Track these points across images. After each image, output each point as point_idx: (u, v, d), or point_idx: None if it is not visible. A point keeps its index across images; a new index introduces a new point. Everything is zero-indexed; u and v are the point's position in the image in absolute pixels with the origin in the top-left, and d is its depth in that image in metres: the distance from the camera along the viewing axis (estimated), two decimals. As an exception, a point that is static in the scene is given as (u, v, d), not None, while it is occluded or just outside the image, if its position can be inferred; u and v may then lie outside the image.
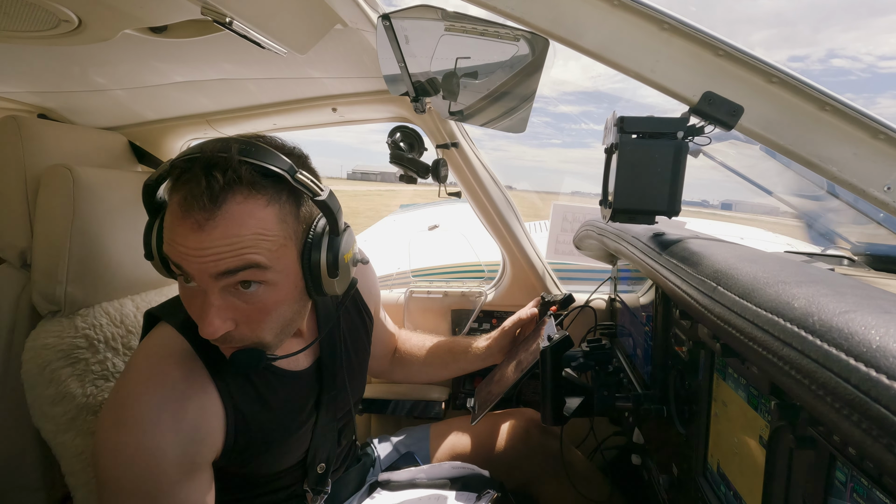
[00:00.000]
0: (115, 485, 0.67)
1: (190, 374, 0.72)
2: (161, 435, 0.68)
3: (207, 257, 0.62)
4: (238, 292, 0.66)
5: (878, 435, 0.29)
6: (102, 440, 0.68)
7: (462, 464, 1.11)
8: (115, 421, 0.68)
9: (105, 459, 0.68)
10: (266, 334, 0.70)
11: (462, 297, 1.60)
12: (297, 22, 0.86)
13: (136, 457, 0.67)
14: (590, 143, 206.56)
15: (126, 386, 0.71)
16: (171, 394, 0.69)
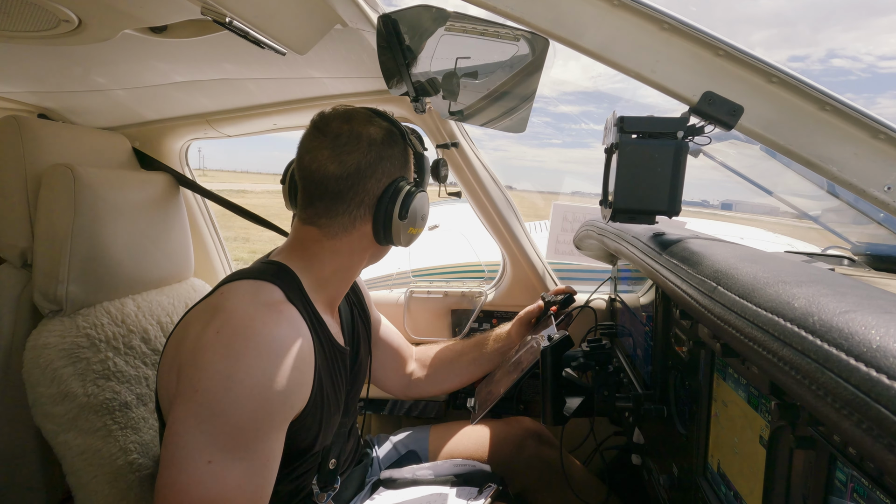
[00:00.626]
0: (219, 419, 0.65)
1: (296, 316, 0.76)
2: (279, 370, 0.69)
3: None
4: None
5: (879, 435, 0.29)
6: (216, 371, 0.66)
7: (463, 461, 1.11)
8: (235, 350, 0.67)
9: (215, 391, 0.65)
10: None
11: (462, 297, 1.60)
12: (296, 22, 0.86)
13: (250, 390, 0.67)
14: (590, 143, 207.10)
15: (237, 316, 0.70)
16: (289, 328, 0.73)
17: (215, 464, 0.65)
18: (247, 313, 0.72)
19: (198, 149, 9.81)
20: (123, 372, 0.98)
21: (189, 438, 0.65)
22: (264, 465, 0.70)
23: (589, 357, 0.93)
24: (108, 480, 0.88)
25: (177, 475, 0.65)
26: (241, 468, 0.67)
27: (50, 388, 0.87)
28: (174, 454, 0.65)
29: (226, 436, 0.66)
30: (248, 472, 0.68)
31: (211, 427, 0.66)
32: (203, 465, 0.64)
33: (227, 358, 0.67)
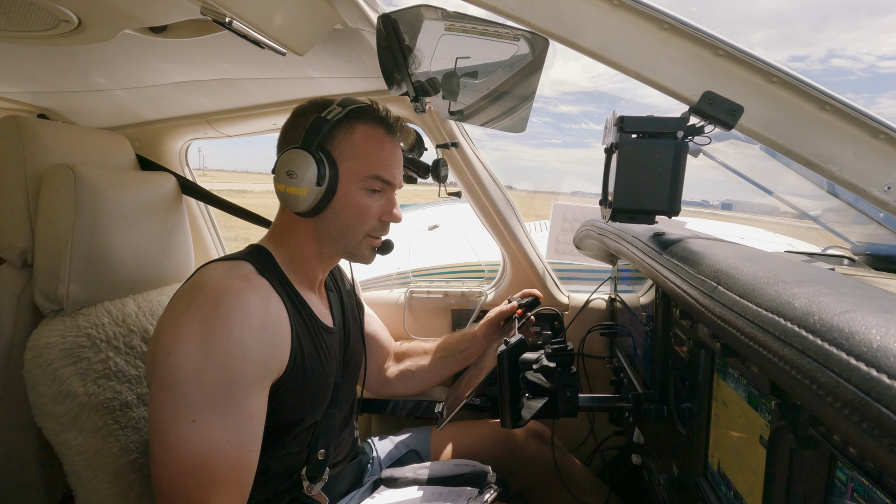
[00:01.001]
0: (194, 378, 0.70)
1: (266, 286, 0.82)
2: (251, 328, 0.74)
3: (399, 171, 0.96)
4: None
5: (879, 435, 0.29)
6: (186, 334, 0.71)
7: (464, 461, 1.11)
8: (204, 315, 0.72)
9: (187, 352, 0.70)
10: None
11: (462, 297, 1.60)
12: (296, 22, 0.86)
13: (226, 348, 0.71)
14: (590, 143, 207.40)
15: (208, 287, 0.76)
16: (257, 293, 0.78)
17: (199, 421, 0.69)
18: (217, 284, 0.77)
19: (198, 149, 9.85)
20: (124, 371, 0.98)
21: (171, 401, 0.70)
22: (248, 420, 0.74)
23: (551, 359, 0.94)
24: (108, 480, 0.88)
25: (165, 437, 0.69)
26: (224, 424, 0.71)
27: (51, 387, 0.87)
28: (160, 418, 0.70)
29: (205, 394, 0.70)
30: (234, 428, 0.72)
31: (189, 387, 0.70)
32: (188, 423, 0.69)
33: (198, 322, 0.72)
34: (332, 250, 0.94)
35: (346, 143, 0.89)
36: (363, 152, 0.90)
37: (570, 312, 1.54)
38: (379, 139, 0.91)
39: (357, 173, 0.89)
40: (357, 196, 0.90)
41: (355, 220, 0.91)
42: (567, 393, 0.91)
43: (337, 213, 0.90)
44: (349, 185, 0.89)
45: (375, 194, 0.92)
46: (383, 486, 1.07)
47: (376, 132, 0.91)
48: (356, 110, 0.90)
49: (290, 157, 0.85)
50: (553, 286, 1.57)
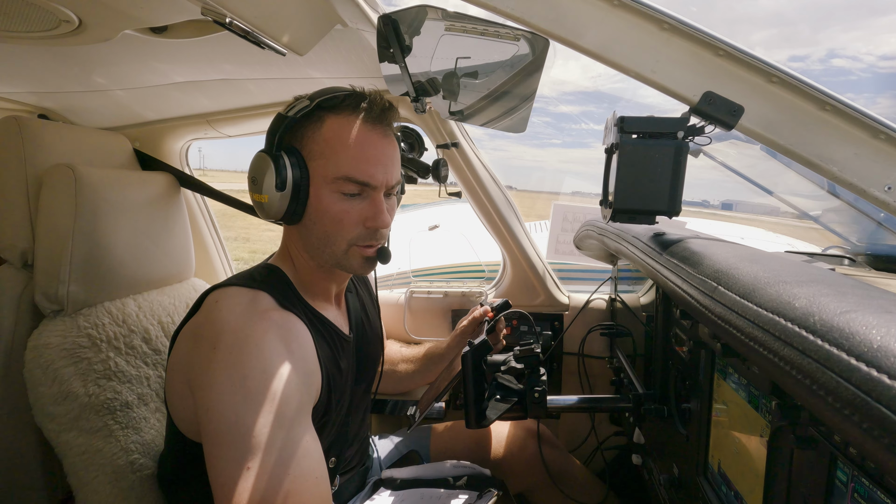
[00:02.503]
0: (237, 426, 0.66)
1: (289, 317, 0.78)
2: (282, 362, 0.71)
3: (388, 168, 0.81)
4: (386, 199, 0.84)
5: (880, 435, 0.29)
6: (218, 385, 0.68)
7: (464, 463, 1.11)
8: (230, 362, 0.69)
9: (224, 403, 0.67)
10: (388, 236, 0.88)
11: (462, 298, 1.60)
12: (297, 22, 0.86)
13: (261, 387, 0.68)
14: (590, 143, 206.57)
15: (230, 330, 0.72)
16: (280, 329, 0.74)
17: (253, 468, 0.65)
18: (238, 326, 0.73)
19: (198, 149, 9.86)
20: (125, 372, 0.98)
21: (222, 457, 0.66)
22: (304, 451, 0.70)
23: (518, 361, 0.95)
24: (109, 480, 0.88)
25: (228, 493, 0.64)
26: (281, 460, 0.67)
27: (51, 387, 0.88)
28: (218, 478, 0.66)
29: (252, 438, 0.66)
30: (292, 462, 0.68)
31: (236, 437, 0.66)
32: (244, 472, 0.65)
33: (227, 369, 0.69)
34: (323, 261, 0.86)
35: (314, 140, 0.79)
36: (331, 149, 0.78)
37: (571, 312, 1.54)
38: (350, 131, 0.78)
39: (325, 175, 0.79)
40: (329, 201, 0.79)
41: (333, 228, 0.81)
42: (535, 394, 0.92)
43: (314, 220, 0.81)
44: (319, 189, 0.79)
45: (354, 198, 0.80)
46: (383, 488, 1.06)
47: (347, 122, 0.78)
48: (328, 100, 0.79)
49: (253, 162, 0.80)
50: (553, 286, 1.57)
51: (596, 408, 1.16)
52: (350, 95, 0.80)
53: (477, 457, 1.21)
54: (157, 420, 1.01)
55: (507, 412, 0.93)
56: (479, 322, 1.23)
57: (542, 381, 0.94)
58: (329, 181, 0.79)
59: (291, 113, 0.79)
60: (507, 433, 1.25)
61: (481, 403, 0.93)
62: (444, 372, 1.21)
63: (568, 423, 1.58)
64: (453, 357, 1.23)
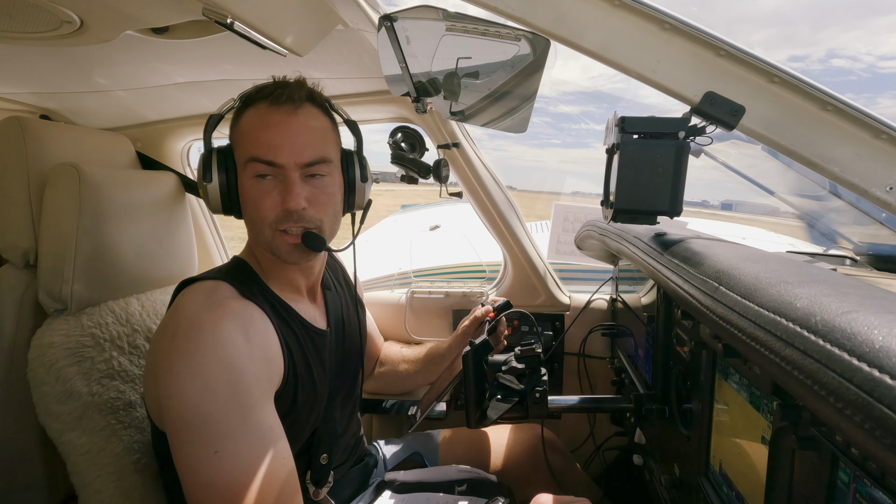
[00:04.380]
0: (200, 413, 0.69)
1: (246, 305, 0.80)
2: (238, 351, 0.73)
3: (296, 146, 0.80)
4: (310, 180, 0.83)
5: (882, 435, 0.29)
6: (176, 373, 0.70)
7: (470, 468, 1.11)
8: (187, 350, 0.71)
9: (184, 391, 0.69)
10: (326, 218, 0.86)
11: (463, 298, 1.60)
12: (297, 23, 0.86)
13: (219, 375, 0.70)
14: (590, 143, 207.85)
15: (186, 319, 0.75)
16: (236, 317, 0.76)
17: (221, 451, 0.68)
18: (193, 316, 0.75)
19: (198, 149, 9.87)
20: (128, 371, 0.98)
21: (188, 442, 0.69)
22: (269, 433, 0.74)
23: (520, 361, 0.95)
24: (112, 480, 0.88)
25: (196, 476, 0.68)
26: (247, 444, 0.70)
27: (55, 386, 0.88)
28: (185, 461, 0.69)
29: (215, 424, 0.69)
30: (258, 445, 0.71)
31: (199, 423, 0.69)
32: (212, 456, 0.68)
33: (184, 358, 0.71)
34: (263, 250, 0.88)
35: (235, 132, 0.84)
36: (243, 135, 0.82)
37: (572, 313, 1.54)
38: (258, 117, 0.81)
39: (241, 160, 0.82)
40: (245, 185, 0.82)
41: (254, 214, 0.83)
42: (536, 394, 0.92)
43: (245, 209, 0.85)
44: (240, 176, 0.83)
45: (266, 180, 0.81)
46: (387, 490, 1.06)
47: (257, 110, 0.82)
48: (249, 95, 0.84)
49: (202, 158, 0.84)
50: (554, 286, 1.57)
51: (597, 408, 1.15)
52: (266, 86, 0.84)
53: (486, 463, 1.20)
54: (158, 420, 1.01)
55: (508, 412, 0.93)
56: (480, 322, 1.23)
57: (544, 381, 0.94)
58: (242, 166, 0.83)
59: (221, 111, 0.84)
60: (512, 439, 1.25)
61: (482, 403, 0.93)
62: (445, 372, 1.21)
63: (569, 424, 1.57)
64: (454, 357, 1.23)
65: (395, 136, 1.26)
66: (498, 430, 1.29)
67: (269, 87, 0.84)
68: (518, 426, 1.30)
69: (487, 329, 1.12)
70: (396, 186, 10.86)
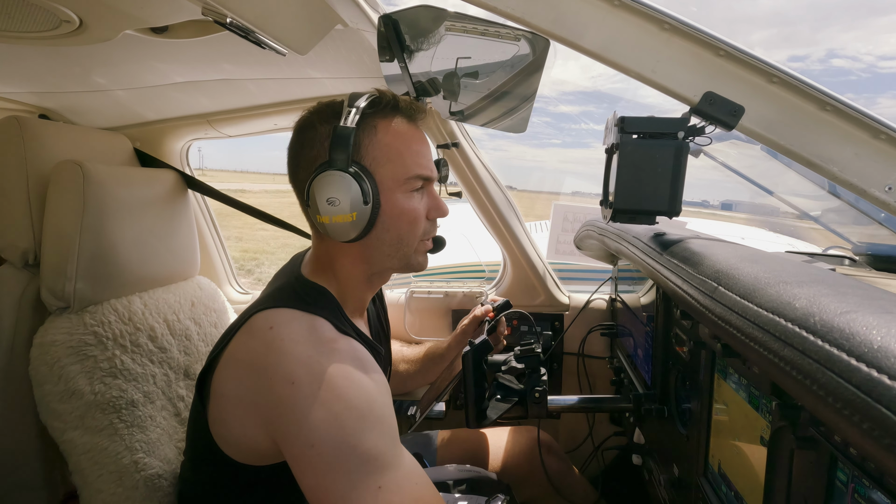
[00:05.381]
0: (355, 454, 0.66)
1: (349, 342, 0.77)
2: (369, 388, 0.71)
3: (432, 157, 0.86)
4: None
5: (880, 435, 0.29)
6: (318, 423, 0.66)
7: (469, 467, 1.11)
8: (323, 400, 0.67)
9: (332, 438, 0.66)
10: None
11: (463, 298, 1.60)
12: (297, 22, 0.86)
13: (365, 415, 0.68)
14: (590, 143, 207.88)
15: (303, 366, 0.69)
16: (353, 358, 0.73)
17: (384, 485, 0.66)
18: (311, 360, 0.70)
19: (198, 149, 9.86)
20: (130, 370, 0.98)
21: (346, 485, 0.65)
22: (413, 461, 0.73)
23: (519, 361, 0.95)
24: (113, 479, 0.88)
25: None
26: (405, 473, 0.69)
27: (57, 385, 0.87)
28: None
29: (372, 461, 0.66)
30: (414, 471, 0.71)
31: (357, 463, 0.66)
32: (377, 492, 0.65)
33: (321, 406, 0.67)
34: (385, 268, 0.86)
35: (375, 147, 0.79)
36: (395, 152, 0.79)
37: (571, 313, 1.54)
38: (404, 132, 0.81)
39: (397, 178, 0.79)
40: (404, 202, 0.81)
41: (408, 228, 0.82)
42: (535, 394, 0.92)
43: (387, 227, 0.80)
44: (392, 194, 0.79)
45: (418, 193, 0.83)
46: None
47: (399, 125, 0.81)
48: (369, 105, 0.79)
49: (325, 182, 0.74)
50: (553, 286, 1.57)
51: (596, 408, 1.16)
52: (384, 96, 0.82)
53: (484, 464, 1.21)
54: (162, 419, 1.01)
55: (507, 412, 0.93)
56: (479, 322, 1.23)
57: (543, 381, 0.94)
58: (401, 183, 0.80)
59: (351, 124, 0.76)
60: (514, 442, 1.25)
61: (482, 403, 0.94)
62: (444, 372, 1.21)
63: (568, 424, 1.58)
64: (454, 357, 1.23)
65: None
66: (496, 433, 1.29)
67: (387, 97, 0.81)
68: (516, 429, 1.30)
69: (487, 329, 1.13)
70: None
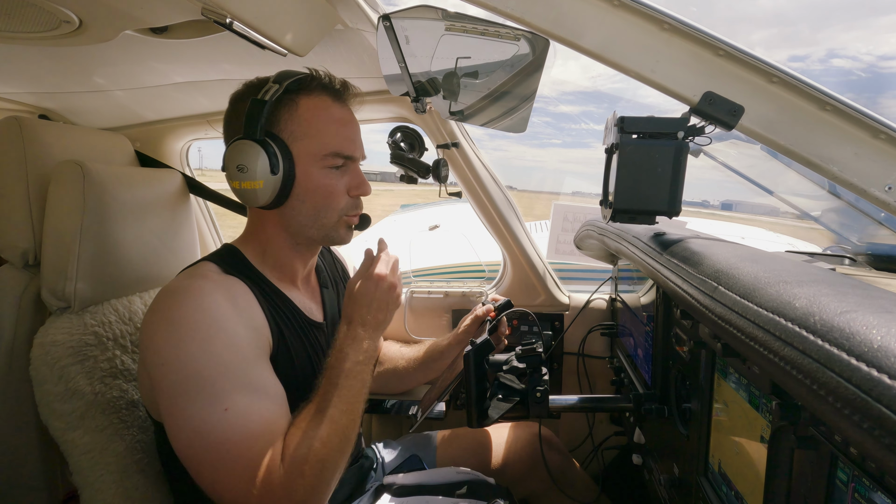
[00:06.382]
0: (202, 375, 0.69)
1: (228, 278, 0.81)
2: (225, 314, 0.74)
3: (360, 141, 0.90)
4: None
5: (880, 435, 0.29)
6: (167, 341, 0.70)
7: (469, 470, 1.11)
8: (174, 318, 0.72)
9: (180, 356, 0.69)
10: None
11: (463, 297, 1.60)
12: (297, 23, 0.86)
13: (212, 335, 0.71)
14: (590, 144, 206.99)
15: (167, 291, 0.76)
16: (218, 286, 0.77)
17: (231, 407, 0.68)
18: (175, 286, 0.76)
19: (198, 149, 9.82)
20: (130, 370, 0.98)
21: (194, 404, 0.68)
22: (272, 389, 0.75)
23: (521, 361, 0.95)
24: (113, 480, 0.88)
25: (209, 438, 0.67)
26: (255, 399, 0.71)
27: (57, 385, 0.88)
28: (194, 425, 0.68)
29: (220, 381, 0.69)
30: (266, 399, 0.73)
31: (202, 383, 0.69)
32: (222, 413, 0.68)
33: (173, 325, 0.71)
34: (306, 238, 0.90)
35: (293, 122, 0.83)
36: (313, 128, 0.83)
37: (571, 312, 1.54)
38: (327, 110, 0.84)
39: (313, 153, 0.83)
40: (319, 177, 0.84)
41: (324, 203, 0.86)
42: (537, 394, 0.92)
43: (302, 198, 0.85)
44: (308, 168, 0.83)
45: (338, 170, 0.86)
46: (386, 494, 1.06)
47: (322, 102, 0.84)
48: (295, 83, 0.83)
49: (237, 150, 0.80)
50: (553, 286, 1.57)
51: (596, 408, 1.16)
52: (314, 76, 0.86)
53: (484, 463, 1.20)
54: (161, 419, 1.01)
55: (509, 412, 0.93)
56: (481, 321, 1.23)
57: (545, 380, 0.94)
58: (317, 158, 0.84)
59: (266, 97, 0.80)
60: (510, 438, 1.25)
61: (483, 403, 0.93)
62: (445, 371, 1.21)
63: (568, 424, 1.58)
64: (455, 356, 1.22)
65: (395, 135, 1.26)
66: (496, 430, 1.29)
67: (321, 78, 0.86)
68: (516, 424, 1.30)
69: (489, 328, 1.12)
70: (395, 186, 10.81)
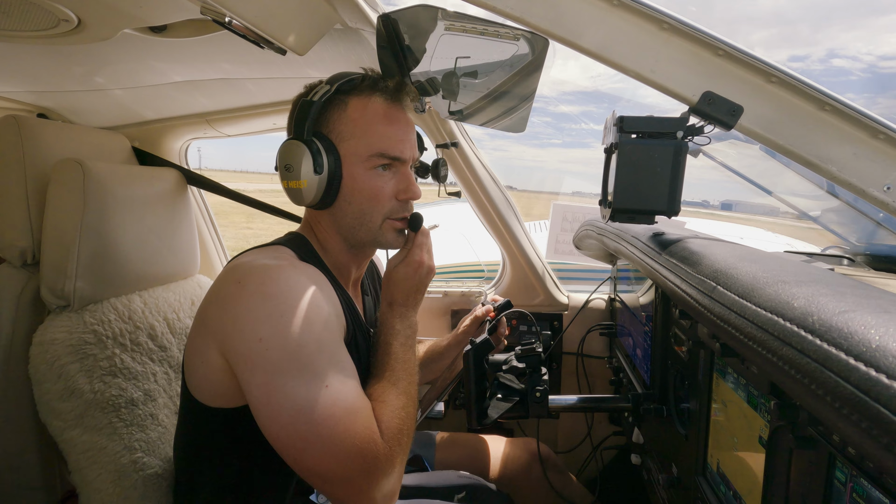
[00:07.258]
0: (305, 350, 0.68)
1: (309, 267, 0.79)
2: (315, 294, 0.73)
3: (412, 142, 0.87)
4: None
5: (878, 434, 0.29)
6: (265, 316, 0.68)
7: (469, 474, 1.11)
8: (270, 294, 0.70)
9: (280, 331, 0.68)
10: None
11: (462, 297, 1.60)
12: (296, 22, 0.86)
13: (310, 313, 0.70)
14: (590, 143, 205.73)
15: (255, 268, 0.73)
16: (303, 271, 0.76)
17: (331, 384, 0.68)
18: (263, 265, 0.74)
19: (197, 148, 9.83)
20: (130, 368, 0.98)
21: (294, 381, 0.67)
22: (353, 371, 0.74)
23: (520, 361, 0.95)
24: (112, 479, 0.88)
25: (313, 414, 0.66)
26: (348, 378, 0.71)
27: (56, 384, 0.87)
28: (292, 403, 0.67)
29: (320, 358, 0.69)
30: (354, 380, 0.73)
31: (305, 360, 0.68)
32: (323, 390, 0.67)
33: (269, 300, 0.69)
34: (357, 240, 0.88)
35: (341, 122, 0.82)
36: (360, 128, 0.82)
37: (570, 312, 1.54)
38: (375, 110, 0.83)
39: (358, 153, 0.82)
40: (364, 178, 0.83)
41: (369, 205, 0.84)
42: (536, 394, 0.93)
43: (348, 199, 0.84)
44: (353, 168, 0.82)
45: (386, 172, 0.84)
46: None
47: (371, 103, 0.83)
48: (347, 83, 0.83)
49: (284, 150, 0.81)
50: (552, 286, 1.57)
51: (595, 408, 1.16)
52: (366, 77, 0.85)
53: (483, 473, 1.20)
54: (164, 416, 1.01)
55: (508, 411, 0.93)
56: (480, 321, 1.23)
57: (544, 380, 0.94)
58: (363, 159, 0.82)
59: (315, 98, 0.81)
60: (513, 453, 1.24)
61: (482, 402, 0.93)
62: (445, 372, 1.21)
63: (567, 424, 1.58)
64: (454, 356, 1.22)
65: (394, 135, 1.26)
66: (494, 440, 1.29)
67: (373, 78, 0.85)
68: (513, 440, 1.30)
69: (488, 328, 1.12)
70: (395, 186, 10.67)
